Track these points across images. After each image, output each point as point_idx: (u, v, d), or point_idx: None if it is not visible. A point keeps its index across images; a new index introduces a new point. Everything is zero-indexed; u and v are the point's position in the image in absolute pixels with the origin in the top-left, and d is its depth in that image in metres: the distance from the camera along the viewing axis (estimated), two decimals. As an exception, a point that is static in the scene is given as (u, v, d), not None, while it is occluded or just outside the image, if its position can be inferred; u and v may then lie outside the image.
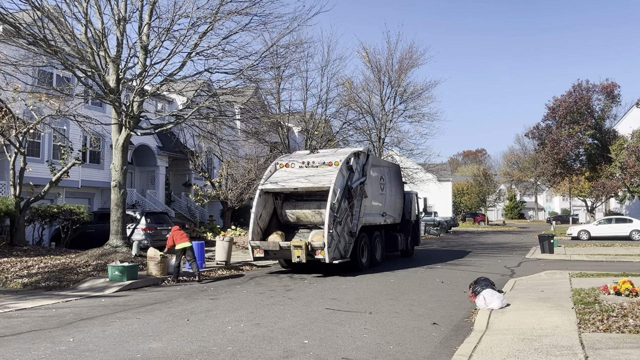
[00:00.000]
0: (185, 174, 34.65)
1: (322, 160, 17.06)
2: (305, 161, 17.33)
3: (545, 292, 11.18)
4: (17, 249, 17.58)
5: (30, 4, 14.08)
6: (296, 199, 17.29)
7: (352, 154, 17.02)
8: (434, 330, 8.40)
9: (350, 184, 16.28)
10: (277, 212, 17.35)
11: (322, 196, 16.13)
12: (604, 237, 33.49)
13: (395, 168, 21.67)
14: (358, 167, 17.06)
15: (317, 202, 16.62)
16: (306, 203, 17.02)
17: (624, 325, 7.57)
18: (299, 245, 15.09)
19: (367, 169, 17.54)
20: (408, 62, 33.95)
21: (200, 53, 17.29)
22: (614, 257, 20.56)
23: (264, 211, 16.83)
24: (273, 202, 17.27)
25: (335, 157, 16.91)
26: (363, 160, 17.48)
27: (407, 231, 21.67)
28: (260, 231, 16.63)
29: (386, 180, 19.56)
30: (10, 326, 8.64)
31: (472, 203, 69.72)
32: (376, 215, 18.45)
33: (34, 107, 18.54)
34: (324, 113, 30.52)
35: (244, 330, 8.30)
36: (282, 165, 17.58)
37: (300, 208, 17.01)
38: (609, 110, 44.38)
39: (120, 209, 17.32)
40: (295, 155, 18.93)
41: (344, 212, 15.81)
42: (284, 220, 17.36)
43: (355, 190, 16.53)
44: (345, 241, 15.88)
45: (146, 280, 13.74)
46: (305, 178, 16.52)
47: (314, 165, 17.03)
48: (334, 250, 15.17)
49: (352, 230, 16.18)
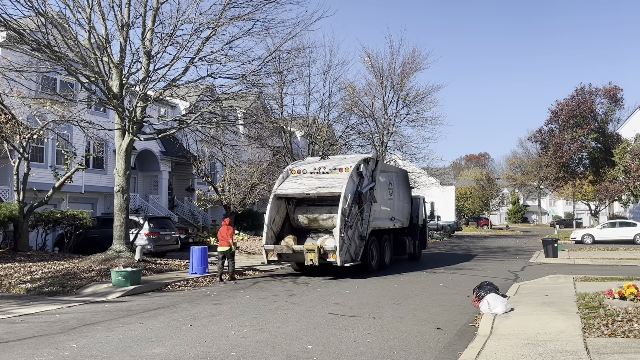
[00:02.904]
0: (188, 179, 34.69)
1: (333, 166, 17.44)
2: (316, 167, 17.70)
3: (549, 297, 11.13)
4: (21, 254, 17.61)
5: (34, 10, 14.16)
6: (308, 204, 17.68)
7: (362, 160, 17.42)
8: (438, 335, 8.37)
9: (360, 190, 16.69)
10: (289, 217, 17.77)
11: (333, 201, 16.53)
12: (608, 241, 33.35)
13: (403, 173, 22.05)
14: (367, 172, 17.46)
15: (328, 207, 17.00)
16: (317, 208, 17.42)
17: (629, 330, 7.52)
18: (311, 249, 15.59)
19: (376, 175, 17.92)
20: (411, 66, 34.00)
21: (203, 58, 17.36)
22: (618, 261, 20.46)
23: (277, 216, 17.25)
24: (285, 207, 17.68)
25: (346, 163, 17.30)
26: (372, 166, 17.88)
27: (414, 235, 22.03)
28: (273, 235, 17.02)
29: (394, 185, 19.98)
30: (13, 332, 8.64)
31: (475, 207, 69.57)
32: (385, 219, 18.79)
33: (38, 112, 18.61)
34: (326, 117, 30.55)
35: (247, 335, 8.29)
36: (294, 172, 17.98)
37: (312, 213, 17.43)
38: (612, 114, 44.24)
39: (123, 214, 17.35)
40: (307, 162, 19.32)
41: (355, 217, 16.22)
42: (296, 224, 17.75)
43: (365, 196, 16.91)
44: (356, 245, 16.28)
45: (149, 286, 13.73)
46: (316, 184, 16.94)
47: (325, 171, 17.40)
48: (345, 254, 15.57)
49: (362, 234, 16.57)
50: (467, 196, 71.26)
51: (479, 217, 71.68)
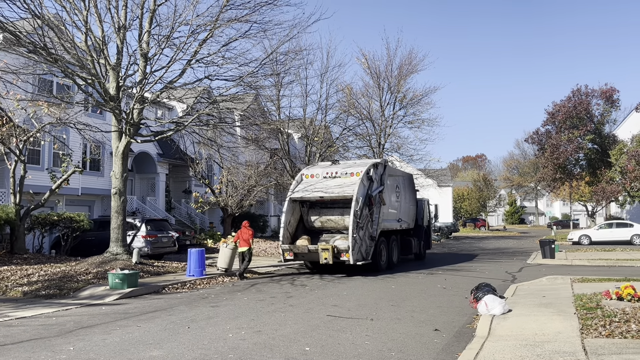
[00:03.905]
0: (185, 181, 34.63)
1: (344, 170, 18.46)
2: (329, 172, 18.77)
3: (547, 298, 11.15)
4: (17, 257, 17.54)
5: (31, 13, 14.13)
6: (321, 207, 18.67)
7: (371, 165, 18.51)
8: (436, 336, 8.37)
9: (370, 193, 17.76)
10: (303, 219, 18.83)
11: (344, 204, 17.55)
12: (605, 242, 33.43)
13: (409, 177, 23.17)
14: (377, 176, 18.53)
15: (340, 209, 18.02)
16: (330, 210, 18.44)
17: (627, 331, 7.53)
18: (326, 248, 16.59)
19: (385, 179, 19.02)
20: (407, 68, 34.08)
21: (200, 60, 17.34)
22: (616, 262, 20.51)
23: (292, 217, 18.31)
24: (300, 210, 18.74)
25: (357, 168, 18.34)
26: (381, 171, 18.99)
27: (420, 236, 23.13)
28: (289, 236, 18.06)
29: (401, 188, 21.15)
30: (10, 335, 8.60)
31: (472, 208, 69.71)
32: (393, 221, 19.82)
33: (35, 115, 18.56)
34: (323, 119, 30.60)
35: (245, 337, 8.27)
36: (308, 176, 19.17)
37: (324, 215, 18.50)
38: (608, 115, 44.42)
39: (120, 216, 17.30)
40: (319, 166, 20.36)
41: (366, 218, 17.25)
42: (310, 225, 18.79)
43: (375, 198, 17.95)
44: (367, 245, 17.27)
45: (147, 288, 13.70)
46: (329, 187, 18.02)
47: (337, 175, 18.47)
48: (357, 253, 16.58)
49: (372, 235, 17.58)
50: (465, 197, 71.42)
51: (476, 219, 71.81)
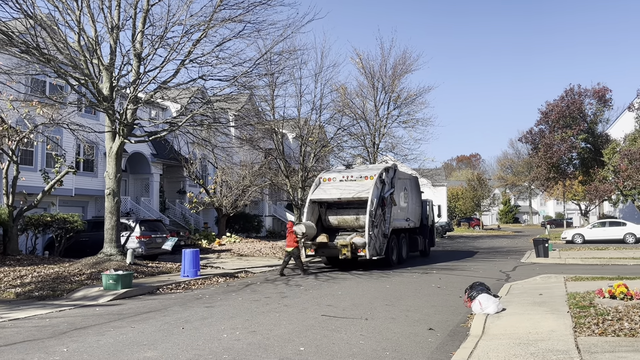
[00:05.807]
0: (179, 181, 34.54)
1: (359, 174, 20.27)
2: (345, 175, 20.52)
3: (540, 296, 11.19)
4: (10, 259, 17.43)
5: (23, 13, 14.04)
6: (337, 207, 20.26)
7: (383, 169, 20.15)
8: (430, 335, 8.39)
9: (383, 194, 19.37)
10: (321, 218, 20.39)
11: (359, 205, 19.20)
12: (598, 241, 33.60)
13: (415, 179, 24.63)
14: (388, 179, 20.16)
15: (355, 209, 19.56)
16: (346, 210, 20.03)
17: (620, 329, 7.58)
18: (345, 245, 18.23)
19: (395, 181, 20.61)
20: (402, 67, 34.09)
21: (194, 60, 17.29)
22: (609, 261, 20.62)
23: (312, 217, 19.74)
24: (318, 210, 20.31)
25: (370, 172, 20.16)
26: (391, 174, 20.58)
27: (425, 234, 24.71)
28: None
29: (408, 190, 22.85)
30: (3, 336, 8.56)
31: (466, 208, 69.86)
32: (402, 220, 21.47)
33: (27, 115, 18.45)
34: (318, 119, 30.58)
35: (239, 338, 8.26)
36: (326, 179, 20.82)
37: (341, 215, 20.13)
38: (601, 115, 44.64)
39: (114, 217, 17.23)
40: (335, 171, 22.29)
41: (379, 218, 18.88)
42: (327, 224, 20.36)
43: (387, 199, 19.52)
44: (380, 241, 18.90)
45: (141, 289, 13.65)
46: (345, 190, 19.66)
47: (352, 179, 20.19)
48: (373, 249, 18.26)
49: (385, 233, 19.21)
50: (459, 197, 71.58)
51: (470, 218, 71.99)
